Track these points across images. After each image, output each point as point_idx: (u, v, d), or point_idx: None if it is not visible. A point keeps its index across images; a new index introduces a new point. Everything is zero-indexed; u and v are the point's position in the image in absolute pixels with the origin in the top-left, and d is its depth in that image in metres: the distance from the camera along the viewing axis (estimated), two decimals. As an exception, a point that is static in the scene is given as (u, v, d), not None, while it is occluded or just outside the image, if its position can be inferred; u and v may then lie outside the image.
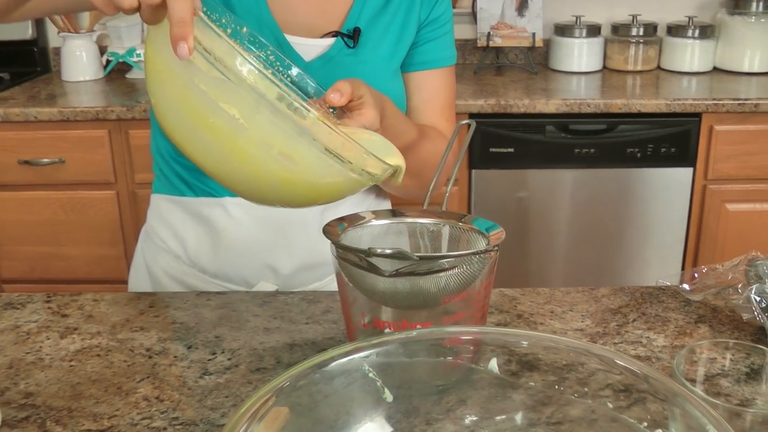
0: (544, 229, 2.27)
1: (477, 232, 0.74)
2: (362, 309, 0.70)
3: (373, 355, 0.59)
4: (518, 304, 0.91)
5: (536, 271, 2.30)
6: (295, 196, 0.65)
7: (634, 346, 0.80)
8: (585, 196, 2.22)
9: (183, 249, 1.05)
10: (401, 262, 0.64)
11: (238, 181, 0.65)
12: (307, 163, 0.61)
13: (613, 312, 0.88)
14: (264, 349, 0.84)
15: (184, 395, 0.77)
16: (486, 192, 2.28)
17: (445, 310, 0.67)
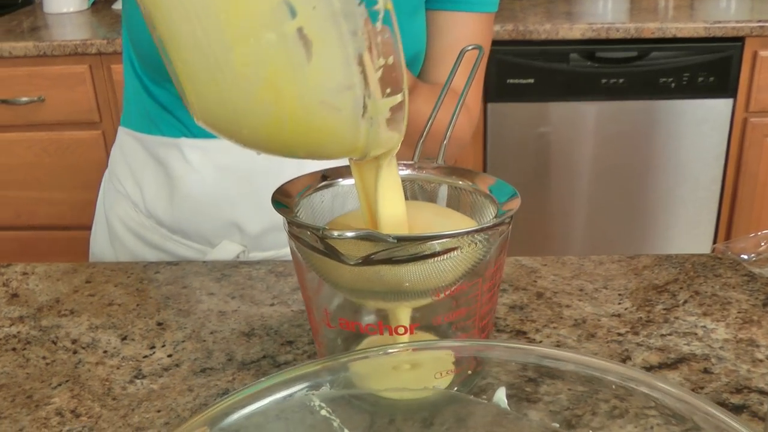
0: (566, 168, 2.07)
1: (483, 194, 0.55)
2: (326, 303, 0.52)
3: (327, 384, 0.42)
4: (539, 278, 0.73)
5: (557, 214, 2.11)
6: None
7: (688, 340, 0.62)
8: (612, 132, 2.01)
9: (141, 195, 0.88)
10: (372, 246, 0.45)
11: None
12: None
13: (659, 290, 0.70)
14: (214, 342, 0.67)
15: (107, 408, 0.60)
16: (503, 127, 2.07)
17: (436, 308, 0.49)
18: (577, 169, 2.06)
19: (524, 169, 2.11)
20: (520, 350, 0.44)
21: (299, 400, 0.41)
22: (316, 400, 0.42)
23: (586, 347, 0.62)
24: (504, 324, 0.66)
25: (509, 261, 0.76)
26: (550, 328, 0.65)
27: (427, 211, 0.58)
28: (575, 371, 0.47)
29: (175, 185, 0.84)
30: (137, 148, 0.87)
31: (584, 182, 2.08)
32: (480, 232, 0.47)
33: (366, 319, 0.50)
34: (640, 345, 0.62)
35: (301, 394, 0.41)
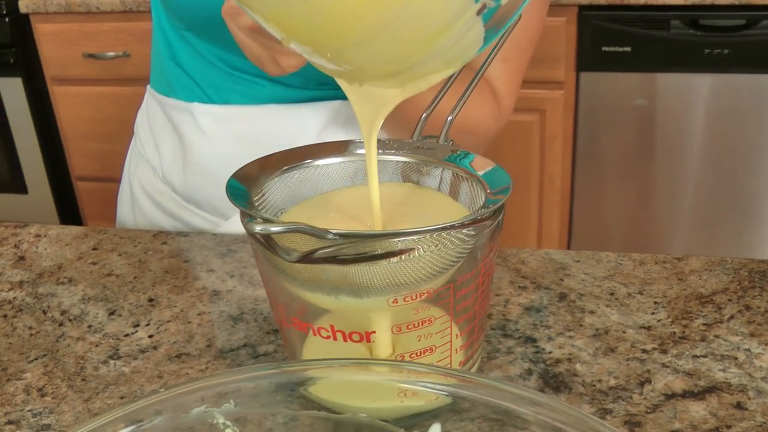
0: (665, 146, 1.91)
1: (477, 180, 0.47)
2: (280, 299, 0.45)
3: (231, 400, 0.36)
4: (566, 277, 0.64)
5: (654, 198, 1.96)
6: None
7: (724, 365, 0.52)
8: (716, 107, 1.83)
9: (159, 160, 0.84)
10: (316, 241, 0.39)
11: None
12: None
13: (703, 300, 0.60)
14: (199, 324, 0.62)
15: (74, 389, 0.56)
16: (596, 98, 1.94)
17: (397, 317, 0.42)
18: (676, 145, 1.90)
19: (617, 144, 1.97)
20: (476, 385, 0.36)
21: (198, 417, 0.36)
22: (219, 418, 0.36)
23: (600, 364, 0.53)
24: (514, 328, 0.58)
25: (539, 254, 0.68)
26: (565, 337, 0.56)
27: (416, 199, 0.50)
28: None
29: (187, 152, 0.79)
30: (158, 111, 0.83)
31: (684, 162, 1.91)
32: (441, 232, 0.39)
33: (319, 321, 0.43)
34: (666, 366, 0.53)
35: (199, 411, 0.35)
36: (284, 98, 0.75)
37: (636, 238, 2.03)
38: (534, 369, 0.53)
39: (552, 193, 2.10)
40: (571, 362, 0.54)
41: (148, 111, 0.86)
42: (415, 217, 0.47)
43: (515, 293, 0.62)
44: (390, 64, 0.39)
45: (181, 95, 0.79)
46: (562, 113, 1.99)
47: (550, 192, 2.10)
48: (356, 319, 0.42)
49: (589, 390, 0.51)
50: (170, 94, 0.81)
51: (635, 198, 2.00)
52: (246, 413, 0.36)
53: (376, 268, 0.40)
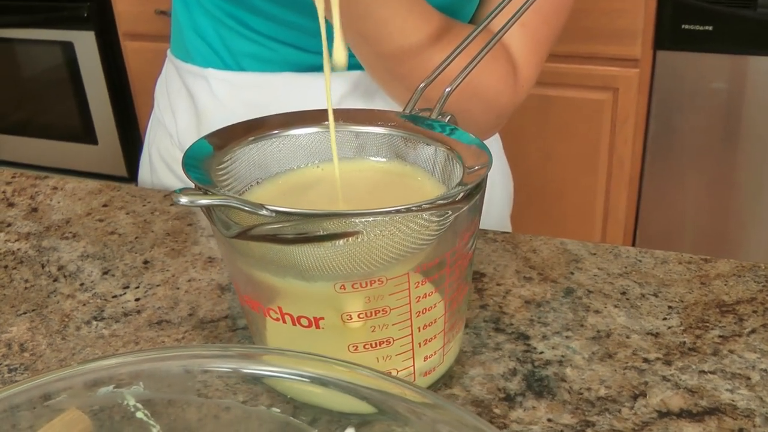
0: (747, 135, 1.79)
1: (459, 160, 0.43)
2: (233, 275, 0.43)
3: (140, 383, 0.33)
4: (577, 270, 0.59)
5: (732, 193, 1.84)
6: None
7: (734, 385, 0.47)
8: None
9: (174, 125, 0.83)
10: (254, 218, 0.36)
11: None
12: None
13: (724, 309, 0.54)
14: (186, 291, 0.60)
15: (52, 347, 0.55)
16: (672, 79, 1.83)
17: (345, 304, 0.39)
18: (758, 137, 1.78)
19: (693, 130, 1.86)
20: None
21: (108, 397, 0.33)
22: (130, 400, 0.33)
23: (593, 370, 0.49)
24: (508, 322, 0.54)
25: (554, 243, 0.63)
26: (561, 337, 0.52)
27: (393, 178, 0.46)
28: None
29: (202, 119, 0.77)
30: (175, 77, 0.81)
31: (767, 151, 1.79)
32: (395, 215, 0.35)
33: (269, 302, 0.40)
34: (667, 380, 0.47)
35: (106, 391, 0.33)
36: (300, 65, 0.72)
37: (710, 236, 1.92)
38: (519, 369, 0.49)
39: (620, 176, 2.01)
40: (561, 365, 0.49)
41: (166, 77, 0.85)
42: (387, 198, 0.43)
43: (518, 284, 0.58)
44: None
45: (197, 60, 0.77)
46: (636, 93, 1.89)
47: (618, 175, 2.01)
48: (304, 303, 0.39)
49: (574, 398, 0.46)
50: (187, 59, 0.78)
51: (711, 190, 1.89)
52: (156, 397, 0.33)
53: (321, 250, 0.36)
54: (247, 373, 0.34)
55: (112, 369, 0.33)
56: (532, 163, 2.05)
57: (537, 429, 0.44)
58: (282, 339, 0.42)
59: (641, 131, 1.93)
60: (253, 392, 0.35)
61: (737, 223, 1.89)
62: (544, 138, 2.02)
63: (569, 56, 1.90)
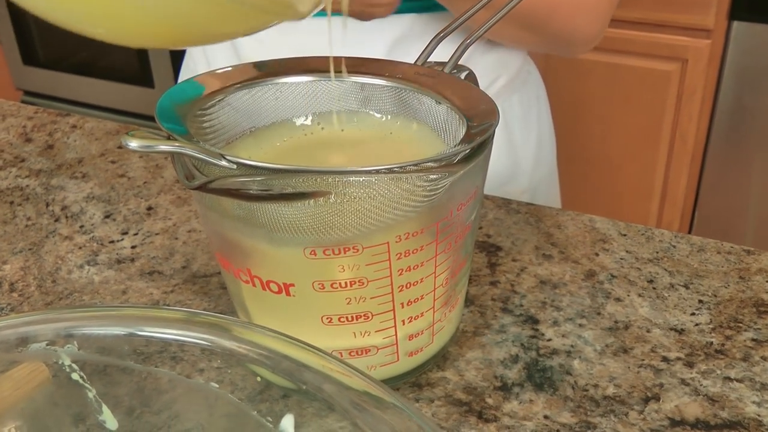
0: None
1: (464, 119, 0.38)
2: (208, 231, 0.39)
3: (74, 343, 0.30)
4: (603, 252, 0.54)
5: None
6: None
7: (761, 396, 0.41)
8: None
9: None
10: (218, 170, 0.32)
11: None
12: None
13: (762, 310, 0.48)
14: (184, 242, 0.57)
15: (41, 290, 0.53)
16: (747, 53, 1.72)
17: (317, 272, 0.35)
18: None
19: (765, 109, 1.75)
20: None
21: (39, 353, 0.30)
22: (65, 359, 0.30)
23: (604, 365, 0.44)
24: (518, 303, 0.49)
25: (579, 219, 0.57)
26: (574, 325, 0.47)
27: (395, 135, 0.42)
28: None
29: None
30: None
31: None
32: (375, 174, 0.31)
33: (238, 262, 0.36)
34: (686, 384, 0.42)
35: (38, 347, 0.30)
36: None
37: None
38: (522, 356, 0.45)
39: (683, 154, 1.91)
40: (569, 356, 0.45)
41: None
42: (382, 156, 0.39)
43: (535, 262, 0.53)
44: None
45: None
46: (706, 66, 1.78)
47: (680, 152, 1.91)
48: (273, 266, 0.35)
49: (578, 395, 0.42)
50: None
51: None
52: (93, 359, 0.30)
53: (289, 210, 0.32)
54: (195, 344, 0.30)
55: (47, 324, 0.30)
56: (592, 133, 1.96)
57: (530, 426, 0.40)
58: (254, 303, 0.38)
59: (708, 107, 1.83)
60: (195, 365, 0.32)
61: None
62: (606, 107, 1.93)
63: (637, 23, 1.81)
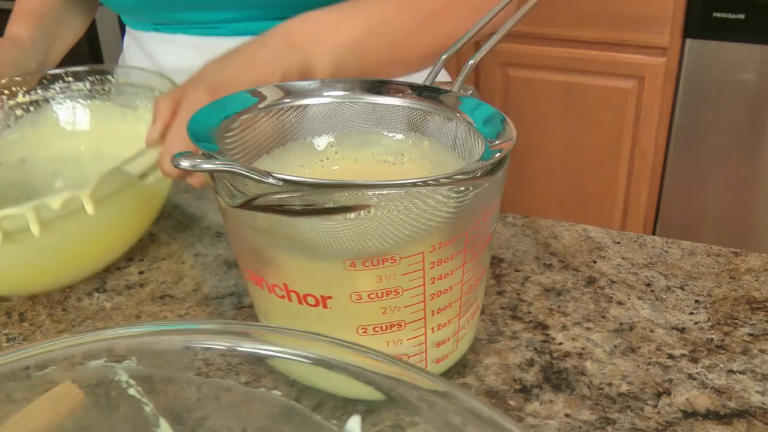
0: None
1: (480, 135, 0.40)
2: (241, 248, 0.40)
3: (133, 359, 0.31)
4: (600, 259, 0.56)
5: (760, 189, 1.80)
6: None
7: (764, 386, 0.44)
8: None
9: None
10: (259, 187, 0.33)
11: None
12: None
13: (755, 306, 0.51)
14: (192, 266, 0.58)
15: (52, 318, 0.54)
16: (701, 69, 1.79)
17: (355, 283, 0.36)
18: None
19: (720, 122, 1.82)
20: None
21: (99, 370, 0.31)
22: (123, 375, 0.31)
23: (615, 365, 0.46)
24: (526, 310, 0.51)
25: (576, 230, 0.60)
26: (582, 328, 0.49)
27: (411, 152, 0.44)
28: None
29: None
30: (134, 47, 0.82)
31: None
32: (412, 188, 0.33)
33: (274, 277, 0.38)
34: (693, 378, 0.45)
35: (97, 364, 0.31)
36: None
37: (732, 234, 1.88)
38: (537, 360, 0.47)
39: (643, 169, 1.97)
40: (581, 358, 0.47)
41: (128, 50, 0.85)
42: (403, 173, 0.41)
43: (537, 271, 0.55)
44: None
45: (164, 29, 0.76)
46: (663, 82, 1.85)
47: (640, 167, 1.97)
48: (312, 280, 0.37)
49: (594, 393, 0.44)
50: (149, 28, 0.78)
51: (737, 186, 1.84)
52: (151, 374, 0.31)
53: (330, 224, 0.34)
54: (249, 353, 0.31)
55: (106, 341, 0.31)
56: (555, 151, 2.01)
57: (554, 424, 0.42)
58: (287, 318, 0.39)
59: (666, 123, 1.89)
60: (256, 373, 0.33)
61: (761, 222, 1.84)
62: (567, 125, 1.98)
63: (596, 42, 1.86)
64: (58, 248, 0.50)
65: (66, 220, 0.48)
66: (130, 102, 0.62)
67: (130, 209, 0.52)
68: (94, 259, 0.54)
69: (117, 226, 0.52)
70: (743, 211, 1.85)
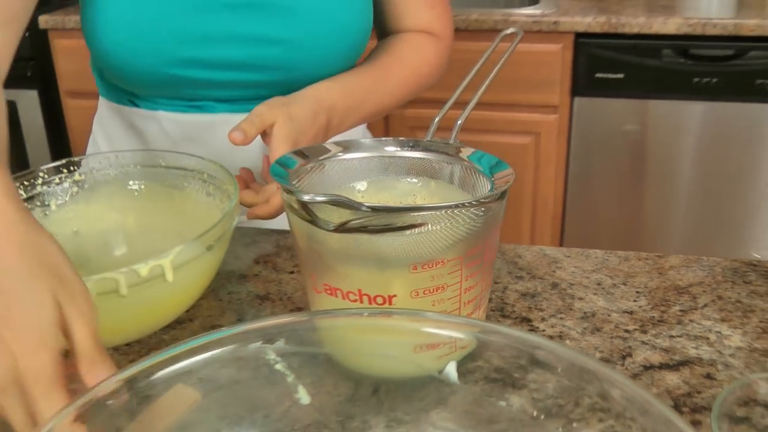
0: (655, 170, 2.00)
1: (482, 173, 0.55)
2: (313, 269, 0.53)
3: (282, 340, 0.43)
4: (558, 269, 0.71)
5: (645, 216, 2.04)
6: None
7: (697, 344, 0.60)
8: (705, 134, 1.92)
9: None
10: (350, 213, 0.46)
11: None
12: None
13: (680, 291, 0.67)
14: (229, 302, 0.69)
15: (119, 352, 0.63)
16: (589, 123, 2.02)
17: (415, 282, 0.49)
18: (666, 170, 1.98)
19: (609, 167, 2.05)
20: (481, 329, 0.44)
21: (253, 352, 0.43)
22: (271, 354, 0.43)
23: (588, 341, 0.61)
24: (511, 310, 0.65)
25: (534, 249, 0.75)
26: (557, 319, 0.64)
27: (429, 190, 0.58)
28: (565, 365, 0.46)
29: None
30: (113, 117, 0.91)
31: (674, 186, 1.99)
32: (454, 209, 0.47)
33: (348, 286, 0.50)
34: (645, 344, 0.60)
35: (255, 347, 0.42)
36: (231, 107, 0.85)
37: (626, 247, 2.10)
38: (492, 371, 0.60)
39: (544, 215, 2.17)
40: (562, 338, 0.61)
41: (103, 120, 0.93)
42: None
43: (512, 282, 0.70)
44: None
45: (144, 105, 0.87)
46: (556, 137, 2.06)
47: (542, 214, 2.17)
48: (382, 284, 0.49)
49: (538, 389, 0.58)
50: (134, 104, 0.88)
51: (626, 222, 2.07)
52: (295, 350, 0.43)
53: (401, 238, 0.47)
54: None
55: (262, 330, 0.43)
56: (466, 204, 2.19)
57: (550, 386, 0.56)
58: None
59: (562, 172, 2.10)
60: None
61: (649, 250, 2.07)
62: (475, 180, 2.17)
63: (495, 104, 2.05)
64: (138, 307, 0.58)
65: (147, 284, 0.57)
66: (178, 183, 0.72)
67: (198, 275, 0.61)
68: (167, 315, 0.63)
69: (187, 287, 0.61)
70: (633, 244, 2.07)
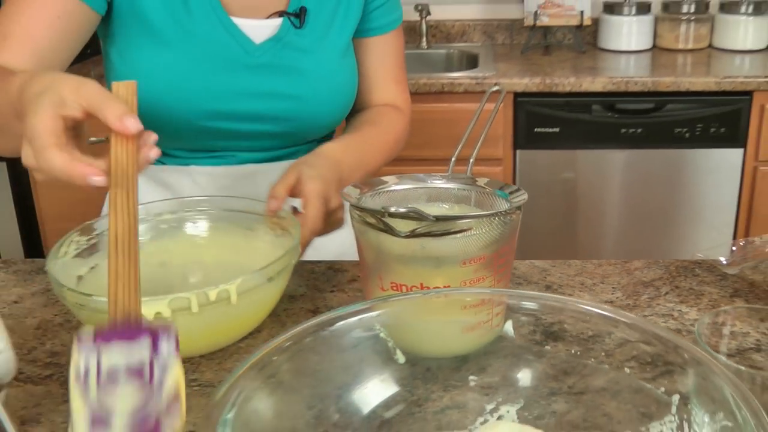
0: (591, 212, 2.23)
1: (499, 197, 0.72)
2: (380, 272, 0.69)
3: (385, 315, 0.59)
4: (548, 276, 0.89)
5: (584, 254, 2.26)
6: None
7: (665, 319, 0.78)
8: (633, 178, 2.17)
9: None
10: (417, 223, 0.63)
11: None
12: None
13: (645, 285, 0.85)
14: (287, 316, 0.84)
15: (205, 358, 0.77)
16: (531, 172, 2.24)
17: (464, 275, 0.66)
18: (600, 211, 2.21)
19: (552, 211, 2.27)
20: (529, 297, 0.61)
21: (365, 323, 0.58)
22: (377, 324, 0.59)
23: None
24: (518, 307, 0.82)
25: (525, 263, 0.93)
26: (555, 310, 0.81)
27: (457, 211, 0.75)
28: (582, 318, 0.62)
29: None
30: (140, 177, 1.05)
31: (608, 224, 2.23)
32: (492, 217, 0.64)
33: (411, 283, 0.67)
34: (626, 322, 0.78)
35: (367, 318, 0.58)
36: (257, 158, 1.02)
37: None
38: (537, 329, 0.77)
39: (495, 258, 2.36)
40: (560, 324, 0.78)
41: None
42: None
43: (514, 287, 0.87)
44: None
45: (172, 162, 1.01)
46: (502, 186, 2.27)
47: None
48: (439, 277, 0.66)
49: (576, 339, 0.75)
50: (164, 162, 1.02)
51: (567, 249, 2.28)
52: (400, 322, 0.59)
53: (456, 240, 0.64)
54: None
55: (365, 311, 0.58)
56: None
57: (562, 355, 0.73)
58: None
59: (510, 217, 2.31)
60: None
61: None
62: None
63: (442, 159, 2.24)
64: (208, 325, 0.71)
65: (215, 305, 0.69)
66: (250, 225, 0.86)
67: (260, 301, 0.75)
68: (234, 333, 0.76)
69: (249, 310, 0.74)
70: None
